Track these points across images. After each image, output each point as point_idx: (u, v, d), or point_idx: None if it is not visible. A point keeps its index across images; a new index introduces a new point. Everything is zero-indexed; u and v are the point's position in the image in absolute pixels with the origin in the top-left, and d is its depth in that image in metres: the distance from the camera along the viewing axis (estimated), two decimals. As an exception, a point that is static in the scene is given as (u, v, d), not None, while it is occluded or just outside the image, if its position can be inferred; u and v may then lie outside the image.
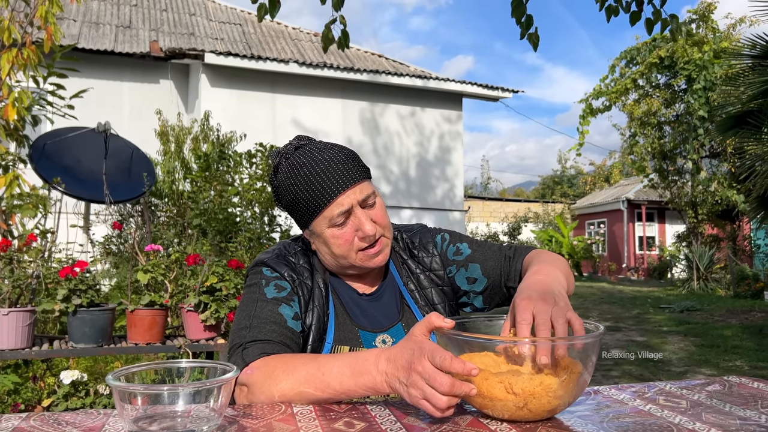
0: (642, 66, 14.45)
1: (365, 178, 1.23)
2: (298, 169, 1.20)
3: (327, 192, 1.17)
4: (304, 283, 1.24)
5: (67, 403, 2.67)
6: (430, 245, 1.38)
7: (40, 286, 2.63)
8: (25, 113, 3.49)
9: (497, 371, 0.87)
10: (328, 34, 2.96)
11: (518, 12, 3.16)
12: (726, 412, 0.92)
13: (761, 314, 9.34)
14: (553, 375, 0.85)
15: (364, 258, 1.22)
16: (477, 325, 1.07)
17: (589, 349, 0.88)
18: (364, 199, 1.20)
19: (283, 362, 1.03)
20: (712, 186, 13.98)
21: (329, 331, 1.22)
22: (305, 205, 1.19)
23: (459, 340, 0.91)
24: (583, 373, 0.87)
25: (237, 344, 1.12)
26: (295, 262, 1.28)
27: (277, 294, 1.20)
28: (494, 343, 0.94)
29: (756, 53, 6.70)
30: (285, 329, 1.14)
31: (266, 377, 1.01)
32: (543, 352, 0.85)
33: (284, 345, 1.12)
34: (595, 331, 0.92)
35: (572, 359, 0.87)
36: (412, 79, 11.31)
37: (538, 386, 0.84)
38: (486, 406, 0.87)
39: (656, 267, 19.37)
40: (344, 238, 1.19)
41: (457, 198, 12.10)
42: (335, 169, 1.18)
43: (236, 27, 12.42)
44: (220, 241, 5.43)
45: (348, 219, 1.19)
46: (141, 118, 8.88)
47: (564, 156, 39.81)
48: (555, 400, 0.85)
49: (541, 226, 22.58)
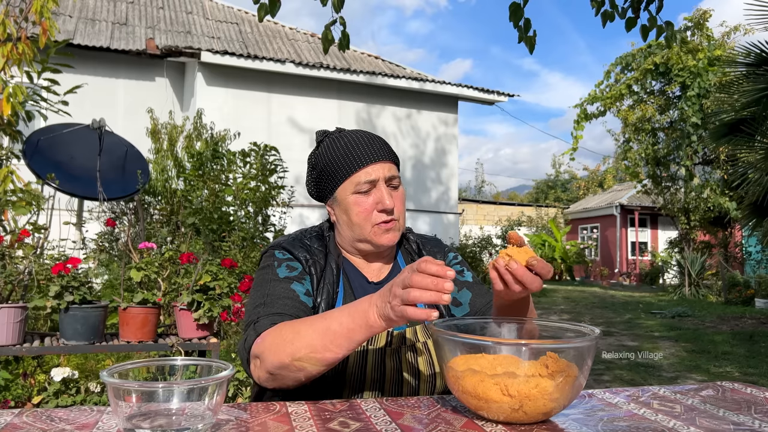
0: (637, 72, 14.52)
1: (395, 165, 1.34)
2: (339, 140, 1.32)
3: (359, 159, 1.28)
4: (318, 263, 1.31)
5: (58, 401, 2.65)
6: (439, 255, 1.45)
7: (32, 282, 2.62)
8: (20, 108, 3.47)
9: (493, 373, 0.87)
10: (328, 36, 2.96)
11: (516, 16, 3.17)
12: (719, 417, 0.92)
13: (752, 321, 9.40)
14: (549, 378, 0.85)
15: (377, 232, 1.29)
16: (473, 327, 1.07)
17: (584, 352, 0.88)
18: (390, 178, 1.30)
19: (291, 325, 1.09)
20: (704, 193, 14.06)
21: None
22: (337, 168, 1.29)
23: (454, 341, 0.91)
24: (579, 376, 0.87)
25: (252, 320, 1.18)
26: (310, 244, 1.35)
27: (289, 273, 1.27)
28: (489, 344, 0.94)
29: (750, 61, 6.75)
30: (298, 303, 1.21)
31: (275, 338, 1.07)
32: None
33: (297, 317, 1.16)
34: (591, 334, 0.92)
35: (567, 362, 0.87)
36: (409, 81, 11.32)
37: (533, 389, 0.84)
38: (481, 407, 0.87)
39: (648, 272, 19.45)
40: (364, 206, 1.28)
41: (452, 201, 12.12)
42: (371, 145, 1.31)
43: (233, 26, 12.40)
44: (213, 240, 5.41)
45: (372, 190, 1.28)
46: (136, 116, 8.83)
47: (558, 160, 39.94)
48: (550, 403, 0.85)
49: (535, 230, 22.63)
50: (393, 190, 1.31)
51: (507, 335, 1.06)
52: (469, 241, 14.01)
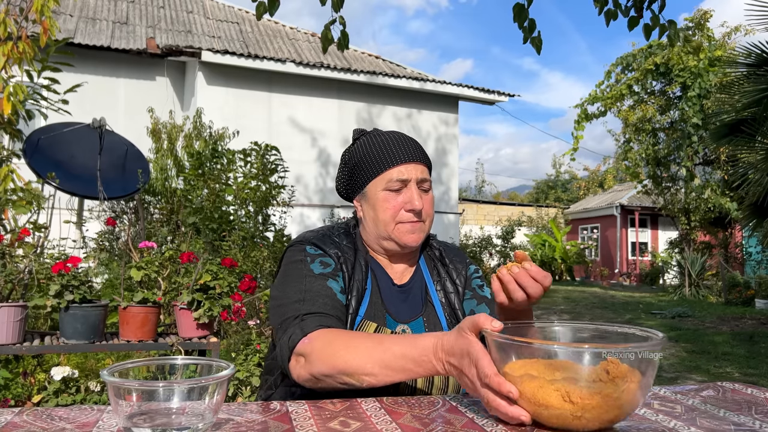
0: (637, 72, 14.52)
1: (429, 169, 1.35)
2: (375, 138, 1.34)
3: (395, 157, 1.29)
4: (348, 260, 1.30)
5: (58, 400, 2.65)
6: (461, 265, 1.44)
7: (32, 281, 2.61)
8: (20, 107, 3.47)
9: (552, 378, 0.83)
10: (327, 35, 2.96)
11: (521, 18, 3.17)
12: (720, 417, 0.92)
13: (752, 321, 9.39)
14: (612, 383, 0.80)
15: (402, 230, 1.29)
16: (527, 331, 1.01)
17: (647, 357, 0.83)
18: (422, 180, 1.31)
19: (343, 337, 1.08)
20: (705, 193, 14.06)
21: (363, 306, 1.27)
22: (371, 163, 1.30)
23: (512, 345, 0.86)
24: (644, 382, 0.83)
25: (292, 316, 1.15)
26: (339, 241, 1.34)
27: (324, 270, 1.25)
28: (550, 348, 0.88)
29: (751, 62, 6.74)
30: (336, 302, 1.20)
31: (326, 346, 1.05)
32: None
33: (338, 318, 1.17)
34: (656, 338, 0.88)
35: (631, 367, 0.82)
36: (409, 81, 11.32)
37: (596, 395, 0.79)
38: (540, 414, 0.83)
39: (648, 273, 19.45)
40: (392, 204, 1.28)
41: (452, 200, 12.12)
42: (407, 145, 1.32)
43: (233, 25, 12.40)
44: (213, 239, 5.41)
45: (402, 189, 1.29)
46: (136, 115, 8.84)
47: (558, 161, 39.94)
48: (614, 410, 0.81)
49: (535, 230, 22.62)
50: (423, 192, 1.31)
51: (563, 339, 1.00)
52: (469, 241, 14.02)
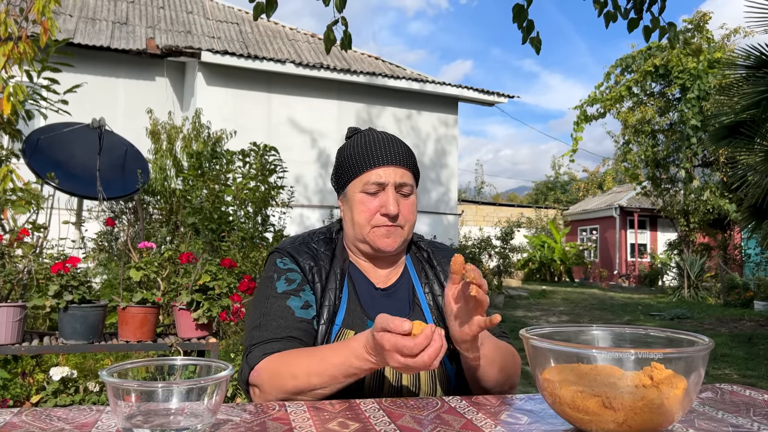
0: (637, 74, 14.53)
1: (412, 173, 1.32)
2: (363, 137, 1.33)
3: (374, 159, 1.27)
4: (323, 268, 1.30)
5: (56, 400, 2.64)
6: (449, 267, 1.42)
7: (31, 281, 2.61)
8: (20, 107, 3.47)
9: (592, 384, 0.81)
10: (330, 36, 2.96)
11: (520, 18, 3.18)
12: (718, 419, 0.92)
13: (751, 323, 9.40)
14: (656, 389, 0.78)
15: (377, 234, 1.28)
16: (567, 335, 0.99)
17: (697, 362, 0.81)
18: (401, 184, 1.28)
19: (286, 360, 1.11)
20: (704, 195, 14.07)
21: (339, 314, 1.27)
22: (351, 164, 1.29)
23: (551, 350, 0.85)
24: (689, 389, 0.80)
25: (248, 345, 1.21)
26: (317, 248, 1.34)
27: (287, 287, 1.26)
28: (590, 353, 0.86)
29: (750, 64, 6.75)
30: (292, 321, 1.21)
31: (272, 375, 1.10)
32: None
33: (290, 338, 1.18)
34: (703, 344, 0.85)
35: (676, 373, 0.80)
36: (409, 82, 11.32)
37: (639, 401, 0.77)
38: (581, 421, 0.82)
39: (647, 274, 19.45)
40: (368, 206, 1.27)
41: (452, 202, 12.12)
42: (390, 148, 1.30)
43: (233, 26, 12.40)
44: (212, 240, 5.40)
45: (379, 193, 1.27)
46: (136, 116, 8.83)
47: (557, 162, 39.92)
48: (658, 417, 0.78)
49: (534, 231, 22.62)
50: (403, 197, 1.29)
51: (602, 343, 0.98)
52: (468, 242, 14.01)
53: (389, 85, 11.16)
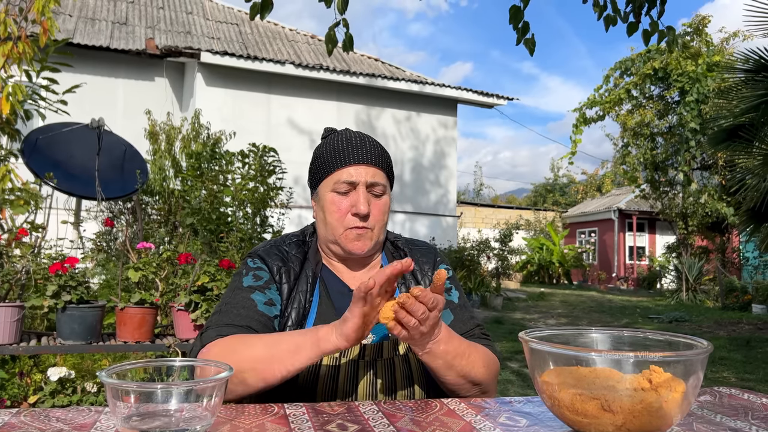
0: (636, 77, 14.55)
1: (385, 172, 1.30)
2: (337, 137, 1.30)
3: (344, 158, 1.25)
4: (292, 270, 1.29)
5: (54, 400, 2.64)
6: (428, 266, 1.38)
7: (29, 281, 2.61)
8: (19, 107, 3.47)
9: (590, 387, 0.81)
10: (332, 37, 2.97)
11: (516, 19, 3.19)
12: (717, 422, 0.93)
13: (749, 326, 9.41)
14: (654, 392, 0.78)
15: (348, 236, 1.26)
16: (566, 338, 0.98)
17: (696, 365, 0.81)
18: (372, 184, 1.26)
19: (241, 338, 1.11)
20: (702, 198, 14.09)
21: (309, 318, 1.25)
22: (322, 163, 1.28)
23: (549, 353, 0.85)
24: (687, 392, 0.80)
25: (204, 327, 1.20)
26: (288, 251, 1.32)
27: (254, 282, 1.25)
28: (589, 356, 0.86)
29: (749, 67, 6.76)
30: (253, 313, 1.20)
31: (222, 351, 1.08)
32: None
33: (248, 327, 1.17)
34: (702, 347, 0.85)
35: (675, 376, 0.80)
36: (408, 83, 11.33)
37: (638, 404, 0.77)
38: (580, 423, 0.82)
39: (646, 277, 19.46)
40: (339, 207, 1.25)
41: (450, 203, 12.13)
42: (361, 147, 1.27)
43: (233, 27, 12.40)
44: (211, 241, 5.40)
45: (350, 192, 1.25)
46: (135, 116, 8.83)
47: (556, 164, 39.94)
48: (657, 420, 0.79)
49: (533, 233, 22.64)
50: (374, 197, 1.27)
51: (601, 346, 0.98)
52: (467, 244, 14.01)
53: (389, 87, 11.17)
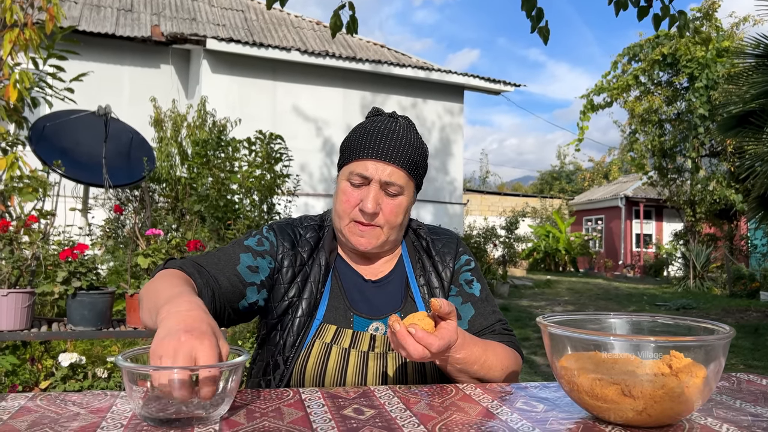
0: (644, 63, 14.41)
1: (407, 172, 1.21)
2: (372, 123, 1.24)
3: (364, 149, 1.19)
4: (299, 256, 1.25)
5: (65, 386, 2.66)
6: (449, 256, 1.34)
7: (39, 268, 2.62)
8: (26, 94, 3.46)
9: (610, 372, 0.81)
10: (336, 20, 2.94)
11: (528, 5, 3.14)
12: (737, 408, 0.92)
13: (757, 314, 9.38)
14: (675, 377, 0.78)
15: (351, 229, 1.22)
16: (584, 323, 0.97)
17: (714, 351, 0.80)
18: (388, 182, 1.19)
19: (173, 276, 1.07)
20: (710, 185, 13.99)
21: (320, 308, 1.23)
22: (346, 148, 1.24)
23: (568, 337, 0.84)
24: (709, 378, 0.80)
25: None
26: (303, 234, 1.29)
27: (254, 245, 1.24)
28: (608, 341, 0.85)
29: (759, 53, 6.68)
30: (229, 268, 1.17)
31: (156, 278, 1.08)
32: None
33: (213, 277, 1.14)
34: (723, 332, 0.84)
35: (693, 361, 0.79)
36: (414, 70, 11.26)
37: (659, 389, 0.77)
38: (599, 408, 0.81)
39: (652, 264, 19.42)
40: (348, 198, 1.21)
41: (457, 191, 12.09)
42: (388, 143, 1.20)
43: (238, 13, 12.34)
44: (218, 228, 5.41)
45: (362, 186, 1.20)
46: (141, 103, 8.82)
47: (563, 152, 39.74)
48: (678, 406, 0.78)
49: (539, 221, 22.59)
50: (387, 197, 1.20)
51: (620, 331, 0.97)
52: (473, 231, 13.99)
53: (394, 73, 11.11)
